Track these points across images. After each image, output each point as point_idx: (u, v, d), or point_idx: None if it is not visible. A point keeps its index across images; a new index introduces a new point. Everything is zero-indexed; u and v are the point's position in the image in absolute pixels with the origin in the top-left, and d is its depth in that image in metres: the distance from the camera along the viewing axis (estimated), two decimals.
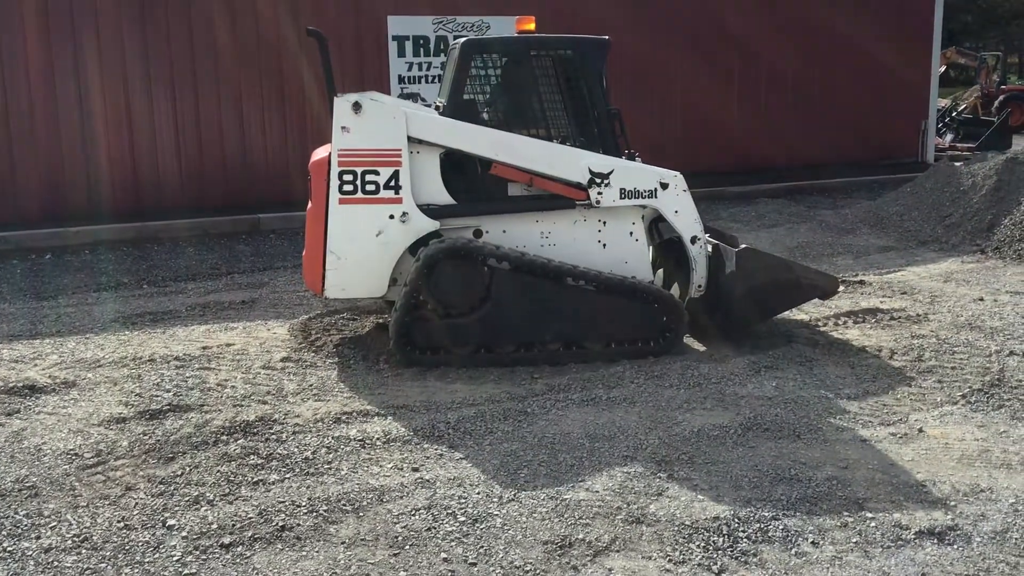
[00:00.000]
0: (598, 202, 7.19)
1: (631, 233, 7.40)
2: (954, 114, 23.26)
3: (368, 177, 6.89)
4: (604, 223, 7.35)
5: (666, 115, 15.54)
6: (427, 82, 14.12)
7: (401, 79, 14.01)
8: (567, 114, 7.42)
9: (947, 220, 11.72)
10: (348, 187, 6.88)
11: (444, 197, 7.11)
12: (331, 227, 6.93)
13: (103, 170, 12.55)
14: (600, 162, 7.19)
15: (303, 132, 13.47)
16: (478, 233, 7.16)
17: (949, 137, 21.26)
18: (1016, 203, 11.24)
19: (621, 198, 7.23)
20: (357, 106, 6.85)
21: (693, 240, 7.43)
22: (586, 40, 7.47)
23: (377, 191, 6.91)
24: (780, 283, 7.43)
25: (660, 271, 7.95)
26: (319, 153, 7.31)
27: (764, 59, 16.51)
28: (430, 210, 7.03)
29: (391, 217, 6.95)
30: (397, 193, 6.93)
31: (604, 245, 7.35)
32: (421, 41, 14.08)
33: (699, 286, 7.47)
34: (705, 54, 16.00)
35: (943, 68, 26.35)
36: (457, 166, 7.18)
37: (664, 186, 7.31)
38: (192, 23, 12.81)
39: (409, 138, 6.94)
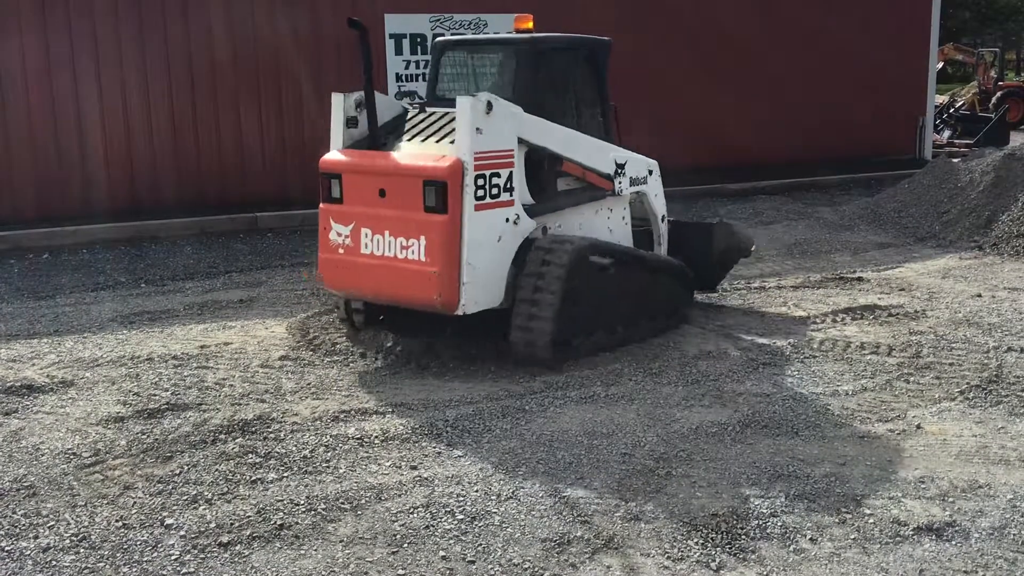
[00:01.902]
0: (619, 191, 7.69)
1: (623, 218, 7.95)
2: (952, 110, 23.25)
3: (494, 180, 6.64)
4: (611, 210, 7.79)
5: (665, 113, 15.53)
6: (424, 80, 14.09)
7: (398, 77, 14.01)
8: (589, 108, 7.77)
9: (945, 216, 11.72)
10: (480, 192, 6.52)
11: (527, 197, 7.05)
12: (468, 236, 6.48)
13: (100, 169, 12.53)
14: (619, 154, 7.69)
15: (300, 131, 13.45)
16: (545, 230, 7.17)
17: (947, 133, 21.27)
18: (1014, 199, 11.24)
19: (630, 186, 7.81)
20: (489, 106, 6.54)
21: (663, 218, 8.31)
22: (600, 40, 7.83)
23: (499, 194, 6.69)
24: (733, 247, 8.61)
25: None
26: (414, 158, 6.74)
27: (761, 56, 16.49)
28: (524, 210, 6.97)
29: (507, 220, 6.78)
30: (511, 195, 6.77)
31: (611, 230, 7.76)
32: (418, 39, 14.07)
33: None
34: (703, 52, 15.99)
35: (941, 65, 26.35)
36: (530, 165, 7.14)
37: (651, 173, 8.09)
38: (189, 22, 12.79)
39: (517, 138, 6.85)
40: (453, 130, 6.70)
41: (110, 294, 9.27)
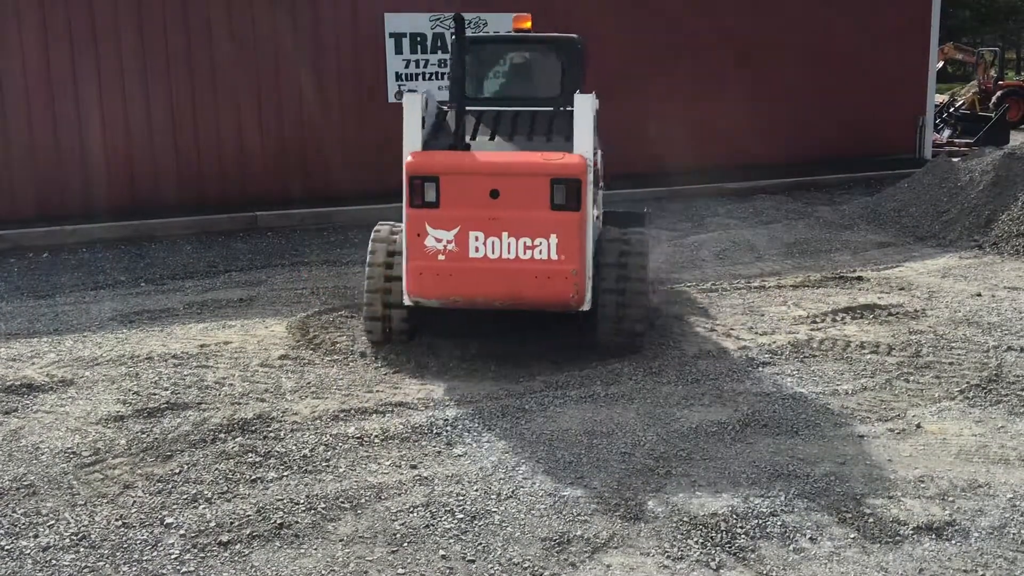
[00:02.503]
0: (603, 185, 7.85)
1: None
2: (952, 110, 23.24)
3: (591, 177, 6.67)
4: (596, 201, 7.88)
5: (664, 112, 15.53)
6: (424, 79, 14.10)
7: (399, 76, 14.00)
8: None
9: (945, 216, 11.72)
10: (591, 188, 6.63)
11: None
12: (588, 234, 6.58)
13: (100, 168, 12.52)
14: None
15: (300, 130, 13.45)
16: None
17: (947, 133, 21.26)
18: (1014, 198, 11.24)
19: None
20: (597, 103, 6.79)
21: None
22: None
23: (595, 191, 6.84)
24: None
25: None
26: (528, 157, 6.63)
27: (761, 56, 16.48)
28: None
29: (596, 217, 6.98)
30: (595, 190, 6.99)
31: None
32: (418, 38, 14.06)
33: None
34: (703, 51, 15.98)
35: (941, 64, 26.36)
36: None
37: None
38: (189, 20, 12.79)
39: None
40: (544, 127, 6.86)
41: (110, 293, 9.27)
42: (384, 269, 7.03)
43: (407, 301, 6.82)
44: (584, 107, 6.55)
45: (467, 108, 6.95)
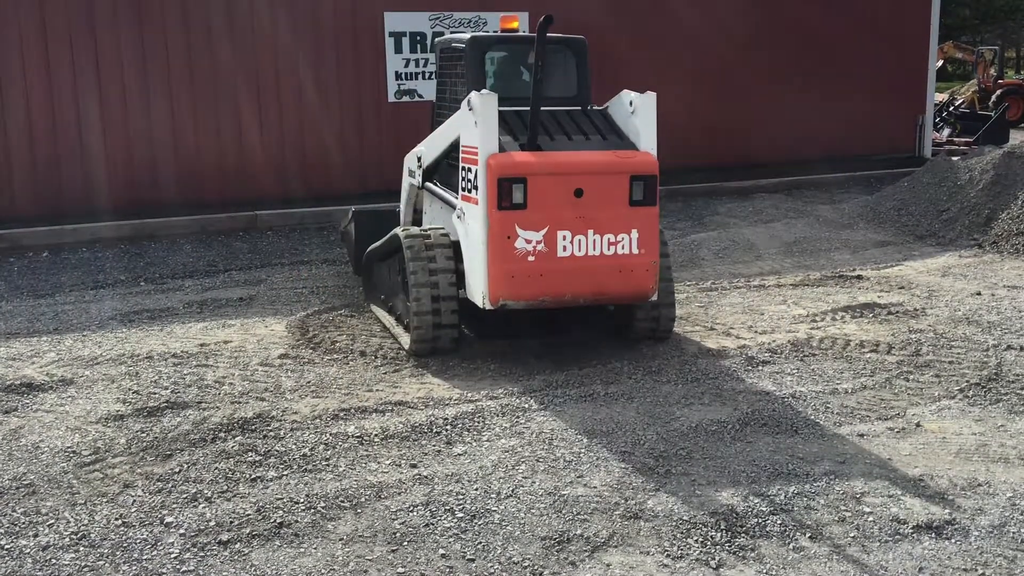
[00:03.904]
0: None
1: None
2: (951, 108, 23.24)
3: None
4: None
5: (663, 113, 15.51)
6: (424, 78, 14.09)
7: (398, 75, 14.00)
8: None
9: (944, 215, 11.72)
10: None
11: None
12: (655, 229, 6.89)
13: (100, 167, 12.51)
14: None
15: (300, 128, 13.45)
16: None
17: (946, 132, 21.25)
18: (1013, 197, 11.24)
19: None
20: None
21: None
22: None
23: None
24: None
25: None
26: (602, 156, 6.77)
27: (760, 54, 16.48)
28: None
29: None
30: None
31: None
32: (418, 37, 14.06)
33: None
34: (701, 50, 15.98)
35: (940, 63, 26.35)
36: None
37: None
38: (188, 19, 12.78)
39: None
40: (587, 126, 7.02)
41: (110, 292, 9.27)
42: (430, 289, 6.87)
43: (487, 305, 6.69)
44: (649, 105, 6.90)
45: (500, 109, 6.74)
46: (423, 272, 6.87)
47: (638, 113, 6.95)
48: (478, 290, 6.72)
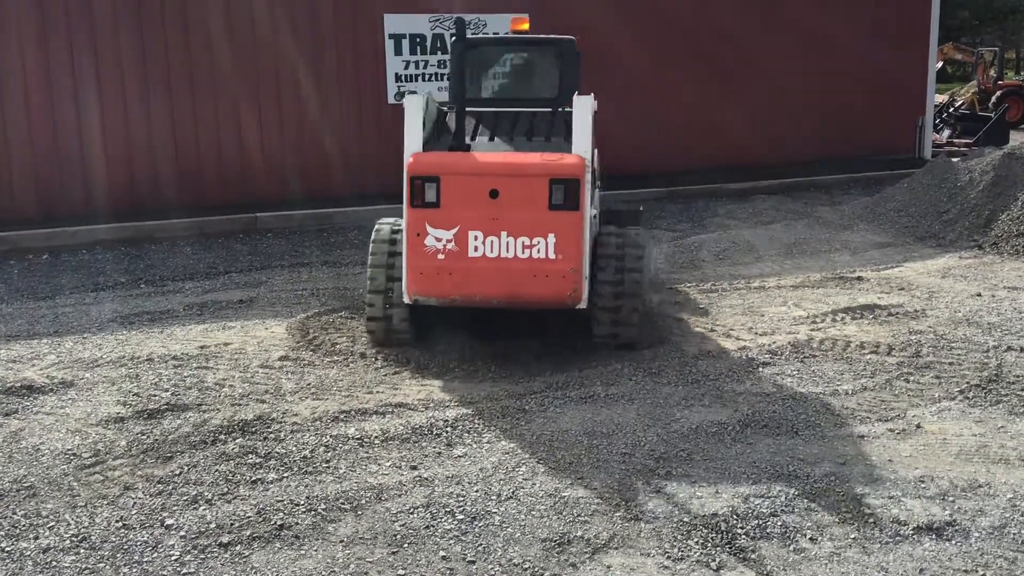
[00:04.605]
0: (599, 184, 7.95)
1: None
2: (951, 110, 23.23)
3: (590, 177, 6.77)
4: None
5: (663, 114, 15.54)
6: (423, 80, 14.10)
7: (398, 77, 14.00)
8: None
9: (944, 216, 11.72)
10: (590, 188, 6.73)
11: None
12: (586, 232, 6.68)
13: (100, 169, 12.52)
14: None
15: (300, 131, 13.45)
16: None
17: (946, 133, 21.25)
18: (1013, 198, 11.24)
19: None
20: (595, 104, 6.82)
21: None
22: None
23: (592, 190, 6.91)
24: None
25: None
26: (527, 157, 6.73)
27: (760, 56, 16.48)
28: None
29: (594, 216, 7.03)
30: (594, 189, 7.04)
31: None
32: (418, 39, 14.07)
33: None
34: (701, 52, 15.98)
35: (940, 64, 26.35)
36: None
37: None
38: (188, 21, 12.79)
39: None
40: (543, 128, 6.96)
41: (110, 295, 9.27)
42: (386, 270, 7.07)
43: (407, 300, 6.86)
44: (583, 108, 6.62)
45: (467, 109, 7.01)
46: (381, 254, 7.12)
47: (574, 116, 6.73)
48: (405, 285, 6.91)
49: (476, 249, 6.65)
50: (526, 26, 7.67)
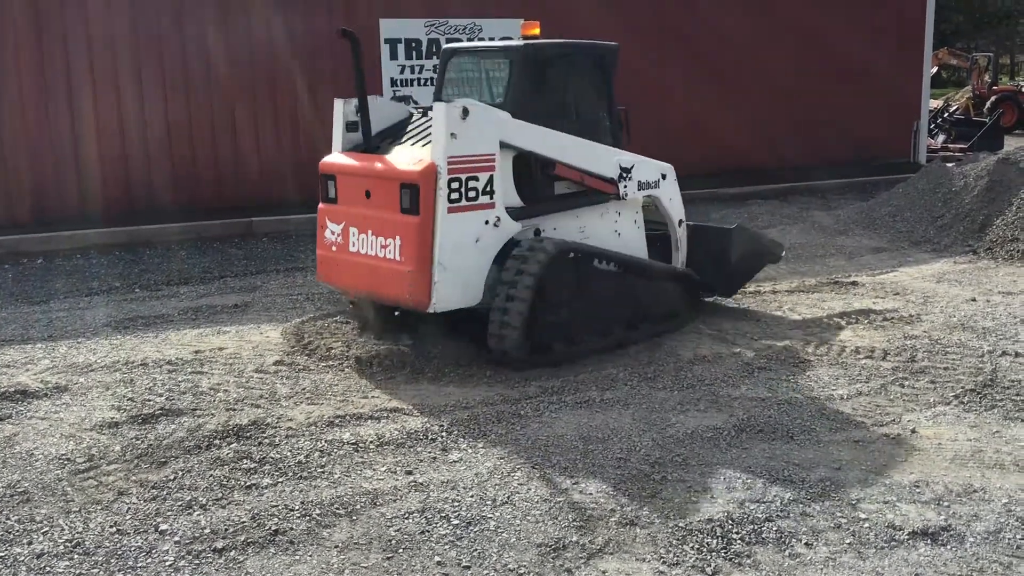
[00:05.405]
0: (625, 195, 7.70)
1: (635, 221, 7.97)
2: (946, 115, 23.29)
3: (471, 183, 6.76)
4: (619, 213, 7.82)
5: (660, 118, 15.56)
6: (419, 84, 14.12)
7: (393, 82, 14.01)
8: (594, 113, 7.83)
9: (939, 221, 11.74)
10: (455, 195, 6.68)
11: (516, 200, 7.17)
12: (439, 238, 6.66)
13: (95, 174, 12.51)
14: (625, 158, 7.71)
15: (295, 135, 13.46)
16: (537, 232, 7.29)
17: (941, 138, 21.30)
18: (1008, 204, 11.27)
19: (638, 190, 7.81)
20: (465, 112, 6.67)
21: (680, 223, 8.30)
22: (606, 45, 7.84)
23: (477, 197, 6.81)
24: (755, 252, 8.67)
25: None
26: (396, 161, 6.94)
27: (756, 61, 16.53)
28: (510, 213, 7.06)
29: (487, 223, 6.90)
30: (492, 198, 6.90)
31: (619, 234, 7.81)
32: (413, 44, 14.09)
33: (682, 263, 8.32)
34: (697, 57, 16.03)
35: (935, 69, 26.42)
36: (519, 169, 7.23)
37: (664, 177, 8.10)
38: (184, 25, 12.79)
39: (499, 143, 6.94)
40: None
41: (104, 299, 9.26)
42: None
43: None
44: (438, 115, 6.68)
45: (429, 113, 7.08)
46: None
47: (432, 123, 6.80)
48: None
49: (353, 245, 7.17)
50: (537, 31, 7.76)
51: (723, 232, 8.43)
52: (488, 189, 6.84)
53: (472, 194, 6.76)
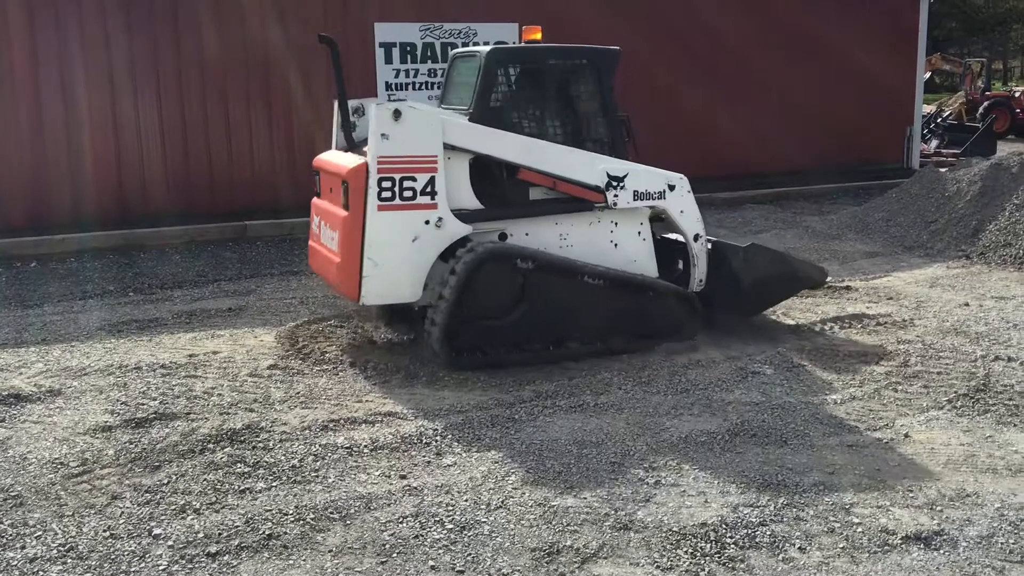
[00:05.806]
0: (614, 204, 7.52)
1: (639, 233, 7.76)
2: (939, 120, 23.37)
3: (406, 183, 6.85)
4: (616, 224, 7.65)
5: (656, 122, 15.57)
6: (414, 88, 14.12)
7: (388, 86, 14.01)
8: (581, 119, 7.69)
9: (932, 226, 11.77)
10: (386, 194, 6.81)
11: (473, 202, 7.18)
12: (369, 234, 6.83)
13: (89, 177, 12.48)
14: (616, 166, 7.51)
15: (290, 138, 13.45)
16: (503, 236, 7.27)
17: (934, 143, 21.37)
18: (1000, 208, 11.30)
19: (634, 200, 7.59)
20: (397, 113, 6.77)
21: (696, 238, 7.93)
22: (601, 50, 7.74)
23: (414, 197, 6.88)
24: (780, 275, 8.02)
25: None
26: (345, 159, 7.18)
27: (751, 66, 16.56)
28: (461, 215, 7.07)
29: (427, 223, 6.93)
30: (433, 199, 6.93)
31: (616, 245, 7.66)
32: (408, 48, 14.09)
33: (700, 281, 7.93)
34: (693, 61, 16.05)
35: (928, 74, 26.51)
36: (483, 171, 7.25)
37: (671, 188, 7.81)
38: (178, 28, 12.78)
39: (444, 144, 6.97)
40: None
41: (98, 303, 9.24)
42: None
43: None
44: (371, 116, 6.88)
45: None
46: None
47: (369, 124, 6.95)
48: None
49: (322, 236, 7.59)
50: (539, 36, 7.77)
51: (733, 250, 7.99)
52: (428, 190, 6.91)
53: (408, 194, 6.86)
